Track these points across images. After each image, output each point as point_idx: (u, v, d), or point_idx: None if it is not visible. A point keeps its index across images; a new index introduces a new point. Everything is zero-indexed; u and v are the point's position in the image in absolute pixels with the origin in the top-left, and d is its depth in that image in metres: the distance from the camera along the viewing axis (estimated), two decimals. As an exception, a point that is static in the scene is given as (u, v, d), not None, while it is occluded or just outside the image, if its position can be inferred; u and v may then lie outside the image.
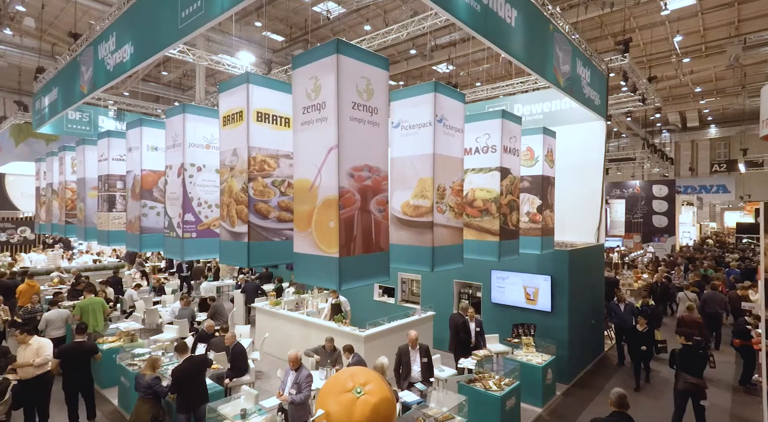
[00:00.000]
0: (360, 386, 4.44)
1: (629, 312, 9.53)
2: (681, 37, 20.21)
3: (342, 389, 4.44)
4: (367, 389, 4.43)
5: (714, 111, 34.31)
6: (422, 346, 6.29)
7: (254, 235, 4.88)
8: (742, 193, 39.52)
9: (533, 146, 7.53)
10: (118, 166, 8.08)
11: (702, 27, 20.85)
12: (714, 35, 21.56)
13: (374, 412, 4.32)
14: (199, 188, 6.20)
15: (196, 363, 5.78)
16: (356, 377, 4.55)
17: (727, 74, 26.34)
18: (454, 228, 5.37)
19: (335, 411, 4.34)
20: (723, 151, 40.38)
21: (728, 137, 37.76)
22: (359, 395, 4.37)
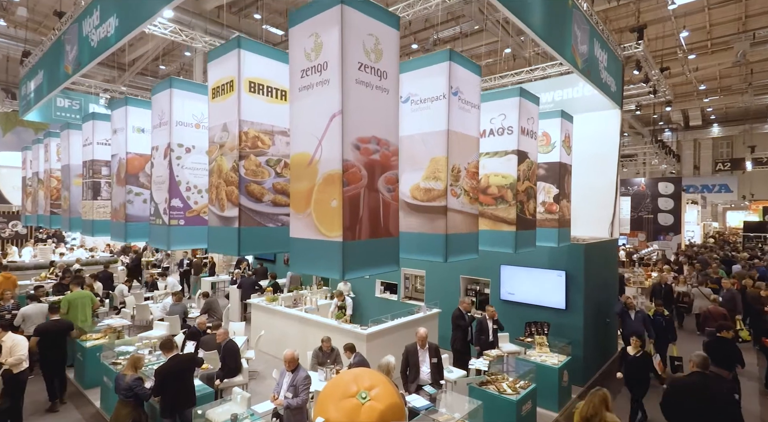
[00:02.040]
0: (365, 390, 3.90)
1: (640, 322, 7.88)
2: (687, 32, 19.69)
3: (344, 393, 3.91)
4: (374, 394, 3.90)
5: (717, 110, 33.83)
6: (432, 345, 5.76)
7: (246, 220, 4.34)
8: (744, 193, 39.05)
9: (549, 131, 7.00)
10: (103, 150, 7.55)
11: (708, 23, 20.38)
12: (720, 31, 21.08)
13: (381, 420, 3.80)
14: (188, 171, 5.66)
15: (182, 362, 5.24)
16: (361, 380, 4.02)
17: (732, 72, 25.86)
18: (469, 215, 4.83)
19: (337, 419, 3.81)
20: (726, 150, 39.91)
21: (731, 136, 37.29)
22: (364, 401, 3.84)
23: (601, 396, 3.91)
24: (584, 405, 3.95)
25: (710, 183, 40.24)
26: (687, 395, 4.44)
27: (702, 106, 31.89)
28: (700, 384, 4.45)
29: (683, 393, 4.46)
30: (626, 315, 8.06)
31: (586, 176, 9.73)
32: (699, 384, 4.45)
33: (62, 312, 8.10)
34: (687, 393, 4.45)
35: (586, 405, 3.94)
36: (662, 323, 8.36)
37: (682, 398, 4.44)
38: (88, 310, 8.44)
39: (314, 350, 6.74)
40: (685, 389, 4.47)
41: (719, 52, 22.94)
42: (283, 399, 4.87)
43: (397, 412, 3.77)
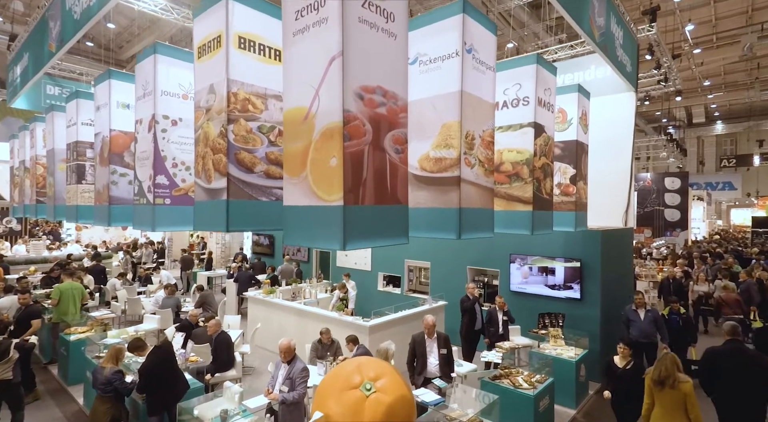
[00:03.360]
0: (370, 381, 3.40)
1: (651, 322, 6.73)
2: (693, 25, 19.22)
3: (346, 385, 3.40)
4: (380, 385, 3.39)
5: (721, 106, 33.34)
6: (441, 335, 5.27)
7: (235, 192, 3.86)
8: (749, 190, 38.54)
9: (566, 107, 6.52)
10: (88, 131, 7.07)
11: (714, 16, 19.94)
12: (726, 25, 20.65)
13: (388, 415, 3.28)
14: (175, 146, 5.19)
15: (163, 352, 4.75)
16: (365, 369, 3.51)
17: (737, 67, 25.42)
18: (484, 188, 4.34)
19: (338, 415, 3.30)
20: (729, 147, 39.42)
21: (735, 133, 36.83)
22: (369, 393, 3.33)
23: (671, 359, 4.01)
24: (655, 369, 4.05)
25: (714, 180, 39.81)
26: (724, 362, 4.47)
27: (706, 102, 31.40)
28: (736, 351, 4.50)
29: (720, 360, 4.47)
30: (634, 314, 6.83)
31: (599, 163, 9.20)
32: (735, 351, 4.50)
33: (53, 302, 7.70)
34: (724, 359, 4.49)
35: (656, 368, 4.04)
36: (678, 323, 7.31)
37: (719, 365, 4.47)
38: (78, 302, 7.99)
39: (313, 342, 6.27)
40: (722, 356, 4.51)
41: (725, 47, 22.49)
42: (278, 393, 4.39)
43: (406, 406, 3.29)
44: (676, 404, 3.90)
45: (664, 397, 3.95)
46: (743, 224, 39.29)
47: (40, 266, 12.86)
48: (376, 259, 11.08)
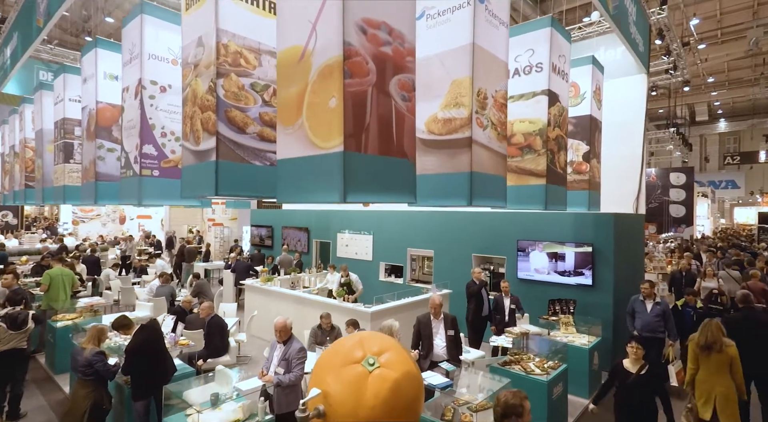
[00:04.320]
0: (373, 356, 3.06)
1: (658, 316, 5.98)
2: (698, 20, 18.88)
3: (347, 359, 3.02)
4: (384, 360, 2.99)
5: (724, 104, 33.04)
6: (447, 316, 4.93)
7: (225, 153, 3.52)
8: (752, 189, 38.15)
9: (579, 81, 6.19)
10: (75, 108, 6.74)
11: (719, 11, 19.60)
12: (731, 20, 20.31)
13: (394, 393, 2.89)
14: (163, 114, 4.86)
15: (150, 331, 4.41)
16: (367, 344, 3.12)
17: (741, 64, 25.09)
18: (496, 154, 4.00)
19: (337, 392, 2.92)
20: (733, 145, 39.04)
21: (738, 131, 36.43)
22: (372, 368, 2.98)
23: (716, 325, 4.12)
24: (701, 335, 4.13)
25: (717, 179, 39.40)
26: (738, 329, 4.59)
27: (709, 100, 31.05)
28: (749, 318, 4.76)
29: (734, 328, 4.52)
30: (640, 305, 6.18)
31: (610, 148, 8.84)
32: (749, 318, 4.75)
33: (43, 288, 7.38)
34: (738, 326, 4.64)
35: (702, 334, 4.12)
36: (693, 317, 6.52)
37: (734, 332, 4.45)
38: (68, 289, 7.67)
39: (312, 328, 5.93)
40: (736, 323, 4.70)
41: (730, 42, 22.16)
42: (273, 375, 4.05)
43: (414, 382, 2.91)
44: (722, 367, 4.06)
45: (710, 361, 4.10)
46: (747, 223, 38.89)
47: (34, 258, 12.54)
48: (377, 249, 10.75)
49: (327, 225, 12.18)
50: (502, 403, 2.59)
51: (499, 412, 2.59)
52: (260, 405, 3.82)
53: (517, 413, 2.53)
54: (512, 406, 2.55)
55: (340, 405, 2.84)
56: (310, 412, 2.82)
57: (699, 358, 4.15)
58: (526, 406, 2.58)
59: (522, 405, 2.56)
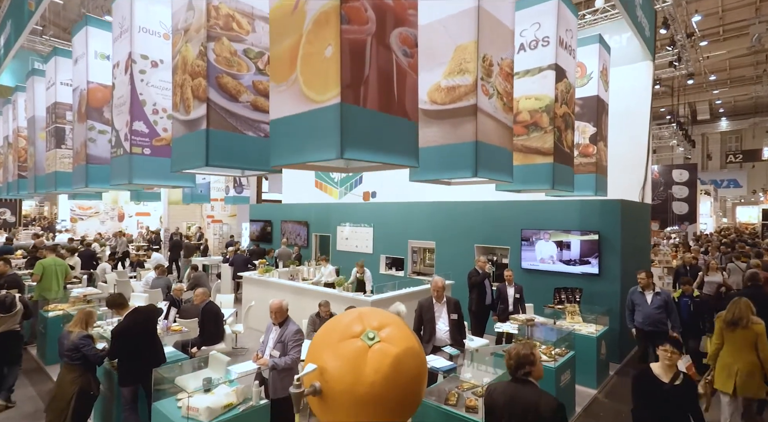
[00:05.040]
0: (373, 330, 2.88)
1: (660, 307, 5.69)
2: (700, 16, 18.71)
3: (345, 334, 2.80)
4: (384, 335, 2.80)
5: (725, 103, 32.81)
6: (450, 299, 4.73)
7: (216, 121, 3.33)
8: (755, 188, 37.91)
9: (585, 61, 5.99)
10: (67, 92, 6.55)
11: (721, 8, 19.41)
12: (733, 17, 20.13)
13: (395, 368, 2.69)
14: (155, 90, 4.67)
15: (143, 315, 4.22)
16: (367, 318, 2.92)
17: (743, 62, 24.91)
18: (502, 125, 3.81)
19: (334, 368, 2.71)
20: (734, 144, 38.82)
21: (740, 130, 36.19)
22: (372, 342, 2.79)
23: (745, 302, 4.18)
24: (728, 312, 4.23)
25: (719, 178, 39.15)
26: None
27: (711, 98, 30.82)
28: (756, 296, 4.80)
29: None
30: (640, 297, 5.83)
31: (615, 136, 8.65)
32: (755, 296, 4.79)
33: (36, 278, 7.20)
34: None
35: (729, 311, 4.22)
36: (689, 307, 6.25)
37: None
38: (61, 279, 7.49)
39: (311, 316, 5.74)
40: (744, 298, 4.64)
41: (731, 39, 21.98)
42: (269, 358, 3.85)
43: (416, 359, 2.75)
44: (747, 343, 4.12)
45: (736, 337, 4.18)
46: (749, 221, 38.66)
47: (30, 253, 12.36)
48: (377, 241, 10.56)
49: (327, 219, 11.99)
50: (514, 355, 2.60)
51: (512, 365, 2.60)
52: (255, 389, 3.63)
53: (529, 362, 2.56)
54: (524, 356, 2.57)
55: (337, 381, 2.65)
56: (306, 389, 2.64)
57: (724, 334, 4.26)
58: (537, 354, 2.63)
59: (533, 354, 2.60)
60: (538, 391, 2.53)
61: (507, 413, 2.55)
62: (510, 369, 2.63)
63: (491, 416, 2.69)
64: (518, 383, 2.59)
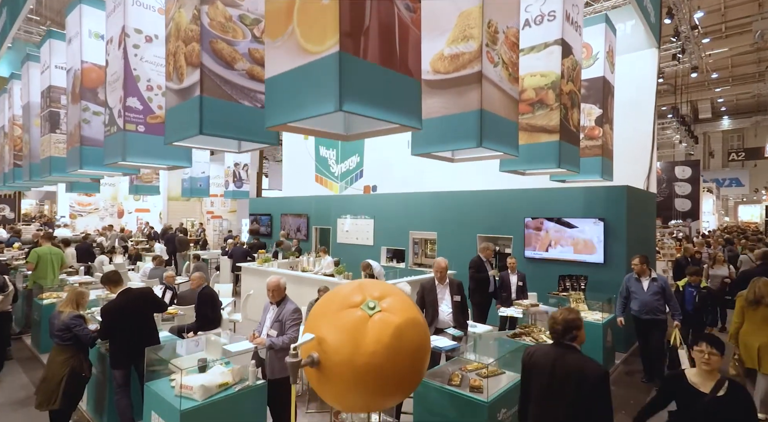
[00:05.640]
0: (373, 300, 2.75)
1: (657, 294, 5.40)
2: (702, 13, 18.58)
3: (344, 303, 2.65)
4: (386, 304, 2.69)
5: (727, 101, 32.64)
6: (453, 281, 4.60)
7: (210, 88, 3.20)
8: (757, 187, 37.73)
9: (591, 41, 5.85)
10: (61, 75, 6.42)
11: (723, 5, 19.27)
12: (735, 13, 19.98)
13: (397, 338, 2.53)
14: (149, 66, 4.55)
15: (136, 297, 4.09)
16: (367, 288, 2.77)
17: (745, 60, 24.75)
18: (508, 96, 3.67)
19: (333, 337, 2.54)
20: (737, 143, 38.64)
21: (742, 129, 35.99)
22: (372, 312, 2.66)
23: (764, 281, 4.40)
24: (749, 291, 4.45)
25: (721, 177, 38.97)
26: None
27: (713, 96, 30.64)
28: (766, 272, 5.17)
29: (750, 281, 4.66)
30: (635, 283, 5.59)
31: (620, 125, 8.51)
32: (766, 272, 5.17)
33: (30, 267, 7.09)
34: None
35: (750, 290, 4.44)
36: (695, 298, 5.82)
37: None
38: (57, 268, 7.37)
39: (310, 302, 5.61)
40: (753, 276, 4.78)
41: (734, 36, 21.82)
42: (266, 337, 3.72)
43: (419, 330, 2.62)
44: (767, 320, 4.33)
45: (757, 315, 4.38)
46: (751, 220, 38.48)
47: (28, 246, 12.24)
48: (378, 233, 10.42)
49: (327, 211, 11.86)
50: (561, 320, 2.54)
51: (560, 330, 2.55)
52: (251, 369, 3.49)
53: (576, 327, 2.52)
54: (572, 320, 2.53)
55: (336, 351, 2.51)
56: (303, 359, 2.50)
57: (746, 313, 4.49)
58: (582, 320, 2.58)
59: (579, 319, 2.56)
60: (582, 357, 2.48)
61: (548, 376, 2.50)
62: (556, 334, 2.58)
63: (528, 376, 2.66)
64: (561, 347, 2.54)
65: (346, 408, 2.74)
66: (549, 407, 2.51)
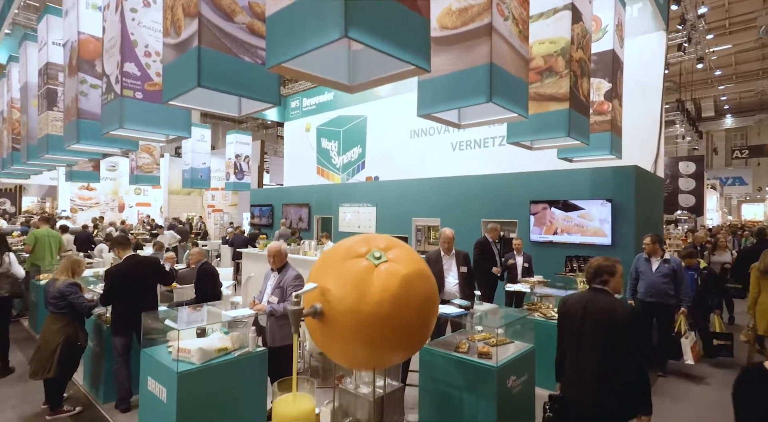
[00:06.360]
0: (379, 251, 2.63)
1: (666, 277, 5.09)
2: (706, 8, 18.42)
3: (349, 254, 2.55)
4: (392, 256, 2.58)
5: (731, 99, 32.41)
6: (459, 252, 4.48)
7: (209, 39, 3.08)
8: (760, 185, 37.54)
9: (600, 14, 5.71)
10: (59, 51, 6.30)
11: (727, 0, 19.11)
12: (739, 9, 19.82)
13: (404, 287, 2.36)
14: (147, 31, 4.42)
15: (142, 264, 3.98)
16: (373, 240, 2.61)
17: (749, 57, 24.54)
18: (518, 54, 3.54)
19: (337, 287, 2.38)
20: (740, 141, 38.42)
21: (745, 127, 35.79)
22: (378, 261, 2.53)
23: None
24: (761, 262, 4.68)
25: (724, 176, 38.77)
26: (755, 259, 5.03)
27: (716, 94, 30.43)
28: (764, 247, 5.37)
29: (750, 257, 5.07)
30: (644, 264, 5.35)
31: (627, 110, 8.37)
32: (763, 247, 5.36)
33: (28, 248, 6.99)
34: (754, 256, 5.11)
35: (762, 261, 4.67)
36: (697, 281, 5.76)
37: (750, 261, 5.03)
38: (55, 251, 7.27)
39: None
40: (752, 253, 5.27)
41: (738, 33, 21.65)
42: (266, 304, 3.59)
43: (426, 282, 2.49)
44: None
45: None
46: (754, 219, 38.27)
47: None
48: (380, 221, 10.30)
49: (328, 200, 11.73)
50: (594, 265, 2.66)
51: (591, 272, 2.66)
52: (251, 336, 3.37)
53: (608, 271, 2.60)
54: (604, 266, 2.62)
55: (340, 301, 2.36)
56: (305, 308, 2.37)
57: (760, 282, 4.63)
58: (619, 269, 2.63)
59: (615, 266, 2.63)
60: (613, 298, 2.56)
61: (580, 317, 2.55)
62: (588, 278, 2.69)
63: (563, 322, 2.72)
64: (593, 291, 2.63)
65: (351, 363, 2.61)
66: (583, 351, 2.55)
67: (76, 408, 3.92)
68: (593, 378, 2.47)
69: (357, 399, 2.84)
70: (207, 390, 3.08)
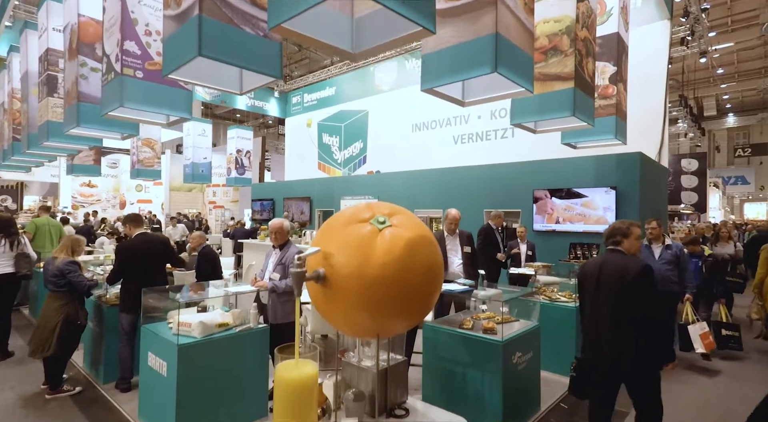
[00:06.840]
0: (383, 216, 2.58)
1: (669, 263, 4.91)
2: (708, 5, 18.34)
3: (352, 219, 2.51)
4: (396, 221, 2.54)
5: (733, 98, 32.28)
6: (463, 233, 4.43)
7: (210, 9, 3.04)
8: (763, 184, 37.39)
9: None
10: (59, 38, 6.27)
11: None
12: (741, 7, 19.73)
13: (409, 251, 2.30)
14: (148, 10, 4.39)
15: (151, 240, 3.95)
16: (377, 206, 2.58)
17: (751, 55, 24.44)
18: (523, 26, 3.49)
19: (341, 251, 2.29)
20: (742, 140, 38.28)
21: (748, 126, 35.65)
22: (383, 226, 2.48)
23: None
24: (765, 250, 4.85)
25: (726, 175, 38.64)
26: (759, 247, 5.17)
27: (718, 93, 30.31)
28: None
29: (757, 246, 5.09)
30: (646, 250, 5.13)
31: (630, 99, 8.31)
32: None
33: (29, 237, 6.94)
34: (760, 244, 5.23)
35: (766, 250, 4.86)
36: (702, 269, 5.60)
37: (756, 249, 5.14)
38: (55, 240, 7.24)
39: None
40: (759, 241, 5.16)
41: (740, 30, 21.57)
42: (268, 281, 3.54)
43: (430, 247, 2.42)
44: None
45: None
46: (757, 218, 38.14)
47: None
48: (383, 213, 10.23)
49: (330, 193, 11.69)
50: (610, 227, 2.79)
51: (606, 234, 2.79)
52: (252, 312, 3.32)
53: (622, 233, 2.70)
54: (618, 228, 2.74)
55: (344, 265, 2.29)
56: (308, 272, 2.32)
57: None
58: (634, 231, 2.71)
59: (629, 228, 2.71)
60: (626, 257, 2.65)
61: (596, 278, 2.65)
62: (604, 240, 2.82)
63: (582, 286, 2.81)
64: (608, 252, 2.75)
65: (354, 330, 2.55)
66: (600, 311, 2.63)
67: (75, 388, 3.88)
68: (610, 337, 2.55)
69: (360, 372, 2.78)
70: (208, 365, 3.03)
